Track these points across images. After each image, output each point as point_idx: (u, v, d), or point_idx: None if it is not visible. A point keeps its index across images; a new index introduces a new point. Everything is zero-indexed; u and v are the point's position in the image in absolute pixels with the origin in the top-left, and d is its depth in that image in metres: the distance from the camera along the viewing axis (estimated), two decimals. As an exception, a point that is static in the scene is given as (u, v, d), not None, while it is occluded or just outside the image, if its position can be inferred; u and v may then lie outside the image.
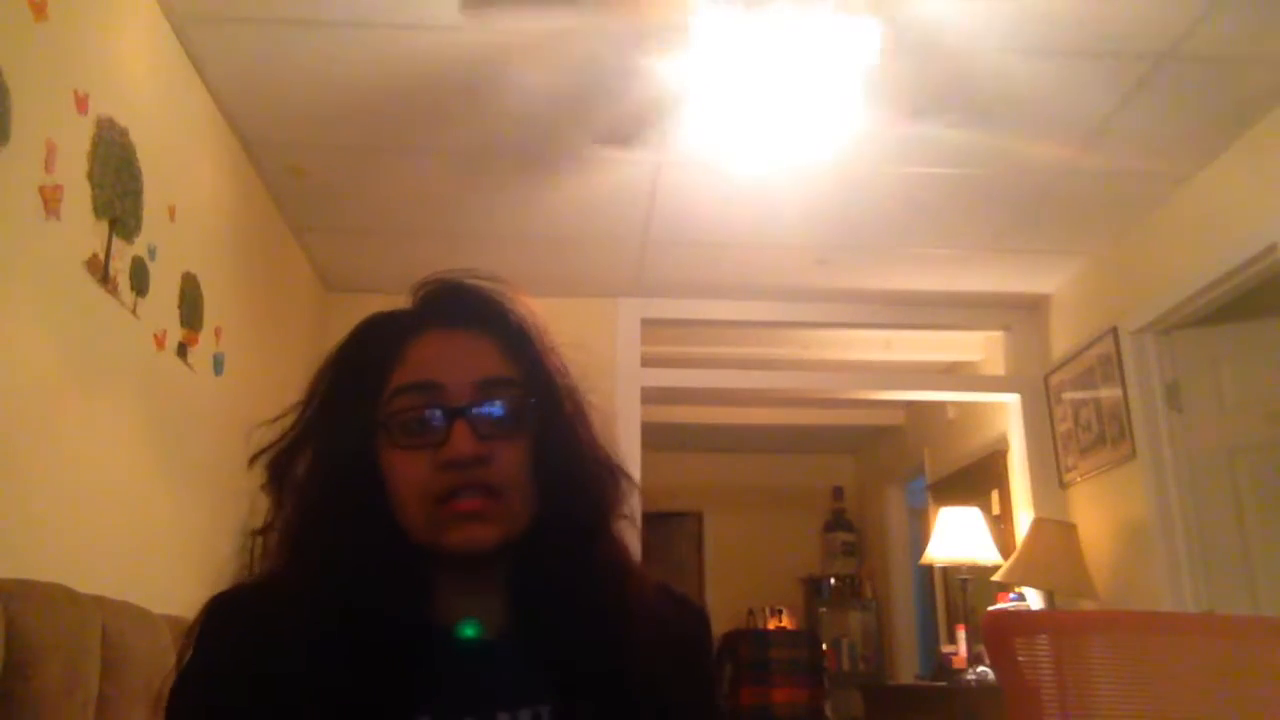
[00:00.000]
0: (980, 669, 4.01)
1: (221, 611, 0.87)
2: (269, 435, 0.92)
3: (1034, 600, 4.15)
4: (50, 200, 1.95)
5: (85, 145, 2.09)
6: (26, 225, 1.89)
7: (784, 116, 2.94)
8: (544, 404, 0.91)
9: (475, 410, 0.87)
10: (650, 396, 4.37)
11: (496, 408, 0.88)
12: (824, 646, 5.59)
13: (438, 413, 0.87)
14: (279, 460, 0.91)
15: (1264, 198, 3.04)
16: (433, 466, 0.86)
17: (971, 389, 5.01)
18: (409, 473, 0.86)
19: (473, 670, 0.87)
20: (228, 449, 2.97)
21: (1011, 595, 4.15)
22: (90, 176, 2.10)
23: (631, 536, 0.96)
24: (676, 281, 4.30)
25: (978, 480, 5.12)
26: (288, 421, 0.92)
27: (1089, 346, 4.00)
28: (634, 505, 0.96)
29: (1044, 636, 1.58)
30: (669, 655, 0.90)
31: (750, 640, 5.24)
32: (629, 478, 0.96)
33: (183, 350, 2.64)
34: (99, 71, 2.18)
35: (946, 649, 4.97)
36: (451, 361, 0.90)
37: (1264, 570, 3.35)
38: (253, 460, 0.91)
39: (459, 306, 0.94)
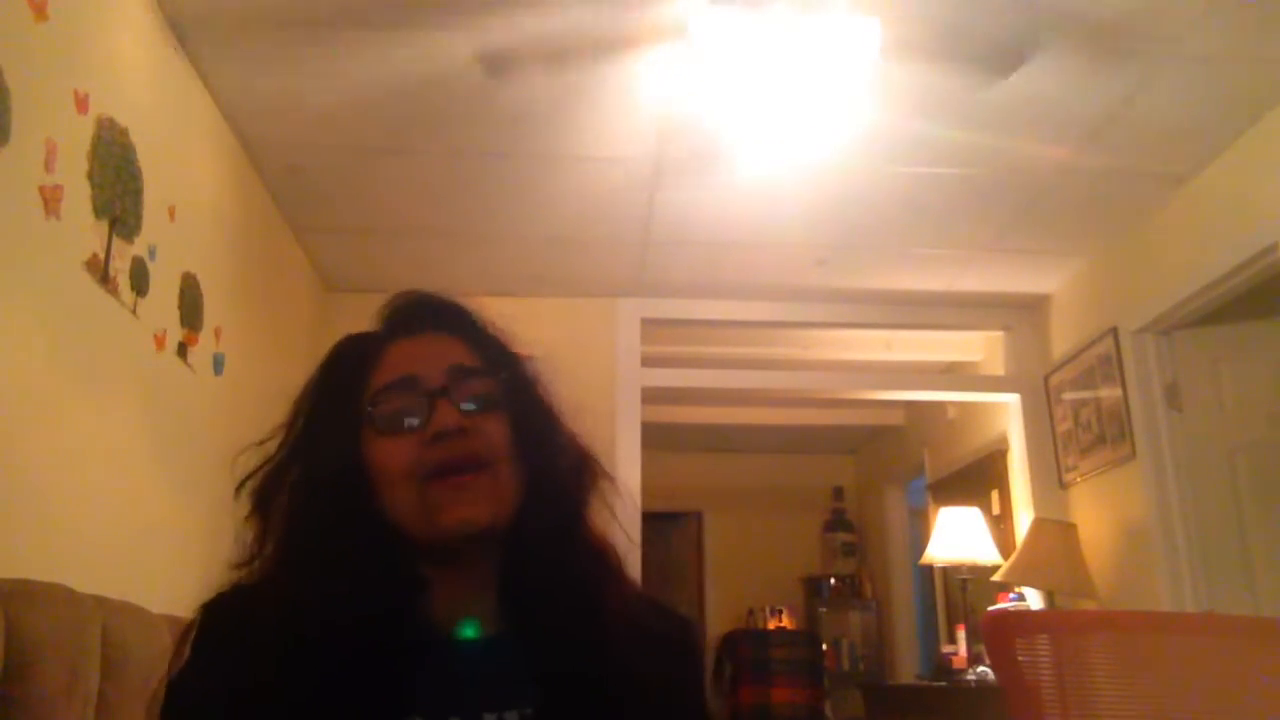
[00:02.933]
0: (980, 669, 4.01)
1: (216, 617, 0.88)
2: (254, 459, 0.95)
3: (1034, 600, 4.15)
4: (50, 200, 1.95)
5: (85, 145, 2.09)
6: (26, 225, 1.89)
7: (784, 116, 2.95)
8: (515, 384, 0.97)
9: (452, 389, 0.92)
10: (650, 396, 4.37)
11: (471, 387, 0.93)
12: (824, 646, 5.59)
13: (417, 398, 0.91)
14: (266, 485, 0.94)
15: (1264, 198, 3.04)
16: (420, 446, 0.89)
17: (971, 389, 5.01)
18: (397, 455, 0.90)
19: (463, 670, 0.89)
20: (228, 449, 2.97)
21: (1011, 595, 4.16)
22: (90, 176, 2.10)
23: (614, 531, 0.98)
24: (676, 281, 4.30)
25: (978, 480, 5.12)
26: (272, 446, 0.96)
27: (1089, 346, 4.00)
28: (621, 502, 0.99)
29: (1044, 636, 1.58)
30: (654, 660, 0.91)
31: (750, 640, 5.25)
32: (599, 462, 1.00)
33: (183, 350, 2.64)
34: (99, 71, 2.18)
35: (946, 649, 4.97)
36: (423, 357, 0.95)
37: (1264, 570, 3.35)
38: (239, 487, 0.95)
39: (423, 314, 1.00)
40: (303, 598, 0.85)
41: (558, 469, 0.95)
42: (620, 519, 0.99)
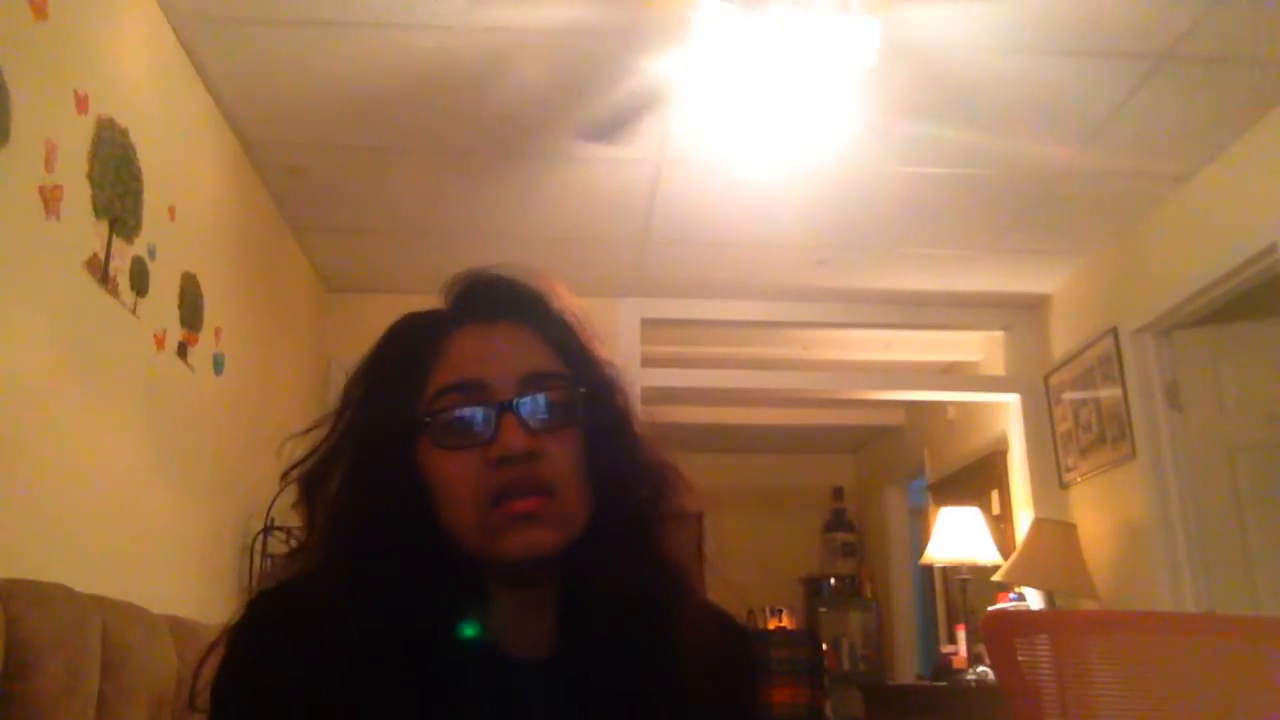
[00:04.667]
0: (980, 669, 4.01)
1: (266, 611, 0.83)
2: (300, 448, 0.87)
3: (1034, 600, 4.15)
4: (50, 200, 1.95)
5: (85, 145, 2.09)
6: (26, 225, 1.89)
7: (784, 116, 2.95)
8: (593, 395, 0.87)
9: (522, 404, 0.83)
10: (650, 396, 4.36)
11: (544, 400, 0.84)
12: (824, 646, 5.59)
13: (483, 410, 0.83)
14: (313, 474, 0.86)
15: (1264, 198, 3.04)
16: (483, 465, 0.82)
17: (971, 389, 5.01)
18: (459, 473, 0.82)
19: (515, 690, 0.83)
20: (228, 449, 2.98)
21: (1011, 595, 4.15)
22: (90, 176, 2.10)
23: (681, 535, 0.92)
24: (676, 281, 4.30)
25: (978, 480, 5.12)
26: (320, 433, 0.88)
27: (1089, 346, 4.00)
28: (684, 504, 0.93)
29: (1044, 636, 1.58)
30: (714, 685, 0.86)
31: (750, 640, 5.23)
32: (679, 474, 0.93)
33: (183, 350, 2.64)
34: (99, 71, 2.18)
35: (946, 649, 4.97)
36: (493, 356, 0.86)
37: (1264, 570, 3.35)
38: (285, 476, 0.87)
39: (496, 299, 0.90)
40: (352, 605, 0.79)
41: (632, 489, 0.88)
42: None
